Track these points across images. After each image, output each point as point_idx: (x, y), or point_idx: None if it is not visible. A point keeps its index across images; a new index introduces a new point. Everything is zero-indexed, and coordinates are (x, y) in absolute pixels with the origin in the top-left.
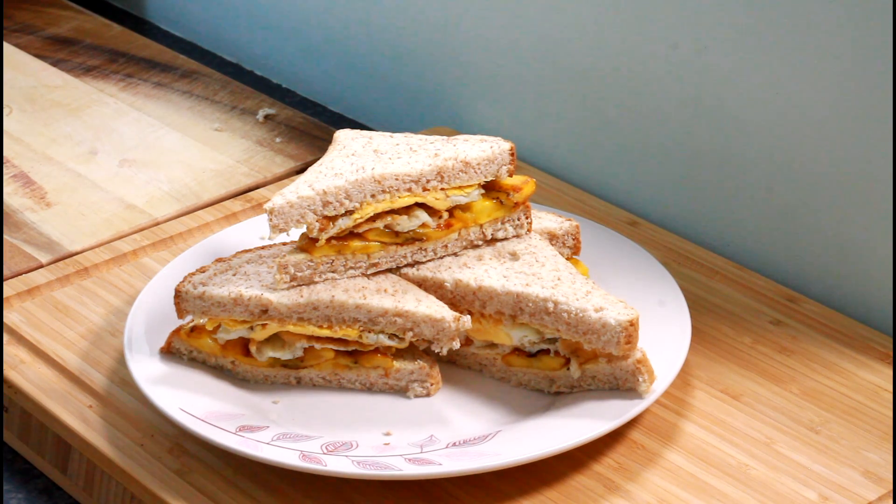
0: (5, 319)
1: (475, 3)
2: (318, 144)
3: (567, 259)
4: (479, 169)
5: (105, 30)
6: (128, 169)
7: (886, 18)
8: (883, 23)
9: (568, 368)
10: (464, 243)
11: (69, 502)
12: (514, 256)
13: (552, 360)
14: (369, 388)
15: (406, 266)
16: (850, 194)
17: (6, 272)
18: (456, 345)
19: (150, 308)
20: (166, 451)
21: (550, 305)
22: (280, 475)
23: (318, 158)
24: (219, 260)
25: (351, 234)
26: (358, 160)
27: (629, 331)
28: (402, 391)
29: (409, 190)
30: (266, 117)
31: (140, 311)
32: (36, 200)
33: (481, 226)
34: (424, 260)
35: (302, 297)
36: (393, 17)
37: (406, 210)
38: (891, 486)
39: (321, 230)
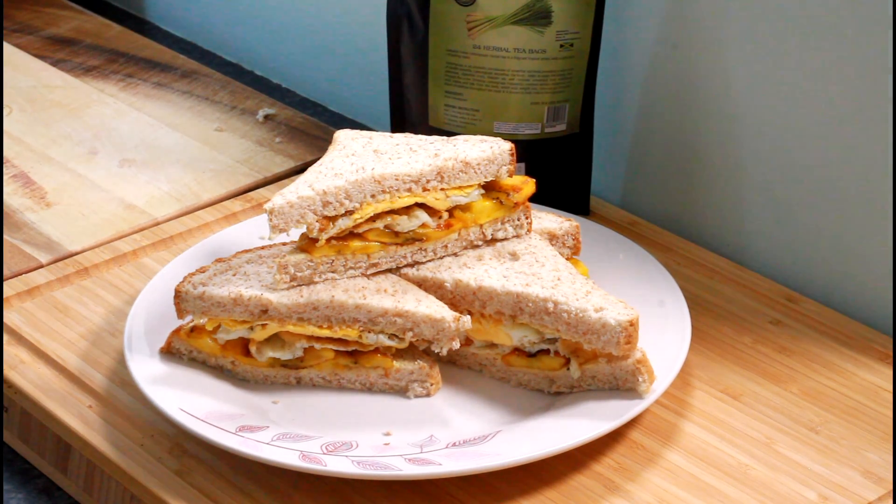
0: (5, 319)
1: None
2: (318, 144)
3: (567, 259)
4: (479, 169)
5: (105, 30)
6: (128, 169)
7: (886, 18)
8: (883, 23)
9: (568, 368)
10: (464, 243)
11: (69, 502)
12: (514, 256)
13: (552, 360)
14: (369, 388)
15: (406, 266)
16: (850, 194)
17: (6, 272)
18: (456, 345)
19: (150, 308)
20: (166, 451)
21: (550, 305)
22: (280, 475)
23: (318, 158)
24: (219, 260)
25: (351, 234)
26: (358, 160)
27: (629, 331)
28: (402, 391)
29: (409, 190)
30: (266, 117)
31: (140, 311)
32: (36, 200)
33: (481, 226)
34: (424, 260)
35: (302, 297)
36: None
37: (406, 210)
38: (891, 486)
39: (321, 230)
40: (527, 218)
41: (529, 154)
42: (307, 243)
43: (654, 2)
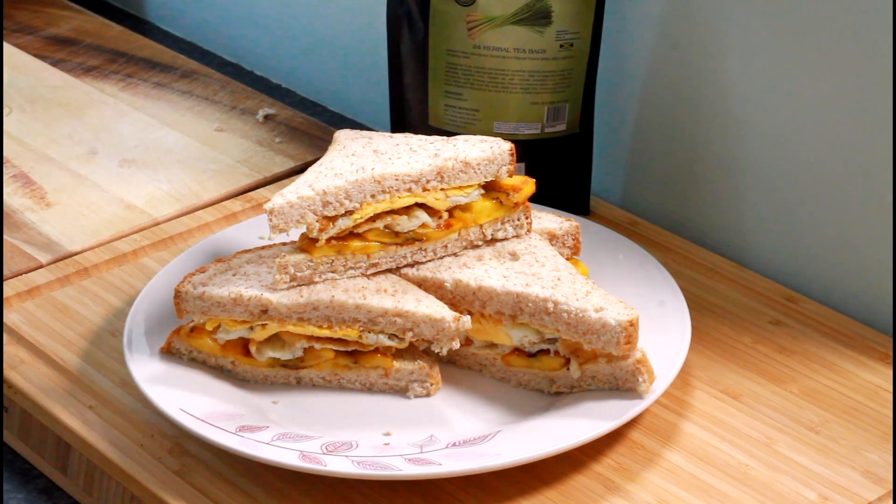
0: (5, 319)
1: None
2: (318, 144)
3: (567, 259)
4: (479, 169)
5: (105, 30)
6: (128, 169)
7: (886, 18)
8: (883, 23)
9: (568, 368)
10: (464, 243)
11: (69, 502)
12: (514, 256)
13: (552, 360)
14: (369, 388)
15: (406, 266)
16: (850, 194)
17: (6, 272)
18: (456, 345)
19: (150, 308)
20: (166, 451)
21: (550, 305)
22: (280, 475)
23: (318, 158)
24: (219, 260)
25: (351, 234)
26: (358, 160)
27: (629, 331)
28: (402, 391)
29: (409, 190)
30: (266, 117)
31: (140, 311)
32: (36, 200)
33: (481, 226)
34: (424, 260)
35: (302, 297)
36: None
37: (406, 210)
38: (891, 486)
39: (321, 230)
40: (527, 218)
41: (529, 154)
42: (307, 243)
43: (654, 2)
